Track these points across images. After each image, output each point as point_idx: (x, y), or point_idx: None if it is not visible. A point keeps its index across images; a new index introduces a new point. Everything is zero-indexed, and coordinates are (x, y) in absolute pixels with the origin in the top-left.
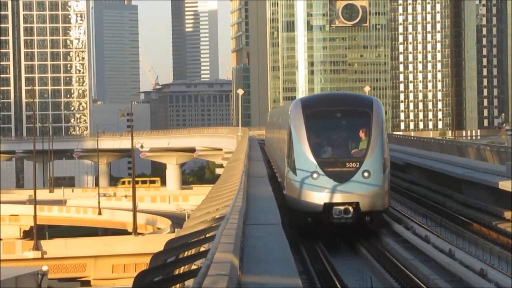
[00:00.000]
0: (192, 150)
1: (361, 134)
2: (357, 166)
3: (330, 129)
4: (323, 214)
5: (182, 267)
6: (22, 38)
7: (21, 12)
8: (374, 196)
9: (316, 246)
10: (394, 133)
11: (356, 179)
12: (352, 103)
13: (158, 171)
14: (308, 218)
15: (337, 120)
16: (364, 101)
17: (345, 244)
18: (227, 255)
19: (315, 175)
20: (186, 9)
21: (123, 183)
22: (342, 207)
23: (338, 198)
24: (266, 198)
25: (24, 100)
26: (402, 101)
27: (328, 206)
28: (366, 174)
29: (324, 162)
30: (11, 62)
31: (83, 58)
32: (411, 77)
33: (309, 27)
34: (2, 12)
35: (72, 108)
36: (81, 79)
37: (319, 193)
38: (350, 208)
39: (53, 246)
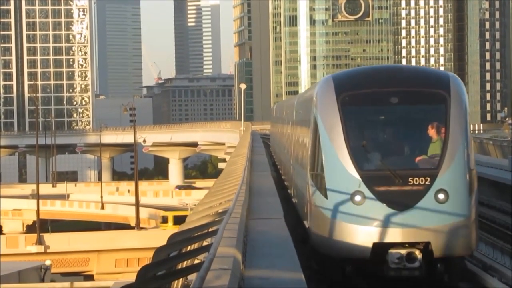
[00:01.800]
0: (195, 144)
1: (432, 132)
2: (427, 183)
3: (382, 124)
4: (372, 261)
5: (185, 262)
6: (24, 32)
7: (24, 7)
8: (455, 231)
9: None
10: None
11: (425, 205)
12: (417, 82)
13: (160, 166)
14: (347, 266)
15: (393, 110)
16: (436, 78)
17: None
18: (230, 250)
19: (358, 198)
20: (189, 3)
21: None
22: (403, 251)
23: (396, 235)
24: (269, 192)
25: (26, 94)
26: None
27: (381, 249)
28: (441, 196)
29: (373, 177)
30: (13, 57)
31: (85, 53)
32: None
33: (312, 22)
34: (4, 7)
35: (75, 102)
36: (83, 74)
37: (364, 228)
38: (417, 252)
39: (56, 241)
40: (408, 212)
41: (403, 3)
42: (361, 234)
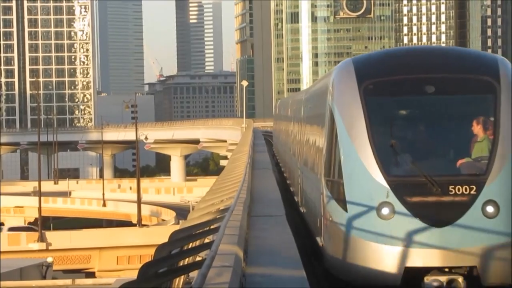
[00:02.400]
0: (197, 141)
1: (478, 129)
2: (472, 193)
3: (416, 118)
4: None
5: (187, 259)
6: (26, 29)
7: (25, 4)
8: (507, 253)
9: None
10: None
11: (470, 220)
12: (459, 66)
13: (162, 163)
14: None
15: (429, 101)
16: (482, 62)
17: None
18: (231, 247)
19: (386, 212)
20: (190, 0)
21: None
22: (442, 278)
23: (434, 258)
24: (271, 189)
25: (28, 91)
26: None
27: (414, 276)
28: (490, 209)
29: (405, 185)
30: (15, 54)
31: (87, 50)
32: None
33: (314, 19)
34: (6, 4)
35: (77, 99)
36: (85, 71)
37: (394, 249)
38: (459, 280)
39: (58, 238)
40: (448, 229)
41: (405, 0)
42: (390, 257)
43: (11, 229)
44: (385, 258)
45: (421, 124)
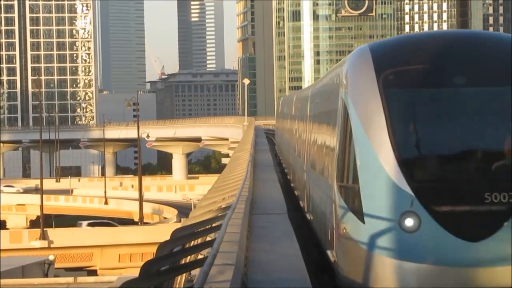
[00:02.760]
0: (198, 139)
1: None
2: None
3: (444, 114)
4: None
5: (188, 257)
6: (28, 28)
7: (27, 2)
8: None
9: None
10: None
11: (510, 233)
12: (493, 54)
13: (164, 161)
14: None
15: (459, 94)
16: None
17: None
18: (233, 245)
19: (410, 223)
20: None
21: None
22: None
23: (467, 278)
24: (272, 187)
25: (30, 90)
26: None
27: None
28: None
29: (432, 191)
30: (17, 52)
31: (89, 48)
32: None
33: (315, 17)
34: (8, 2)
35: (78, 98)
36: (87, 69)
37: (419, 267)
38: None
39: (60, 236)
40: (484, 243)
41: None
42: (415, 277)
43: (90, 224)
44: (409, 278)
45: (451, 120)
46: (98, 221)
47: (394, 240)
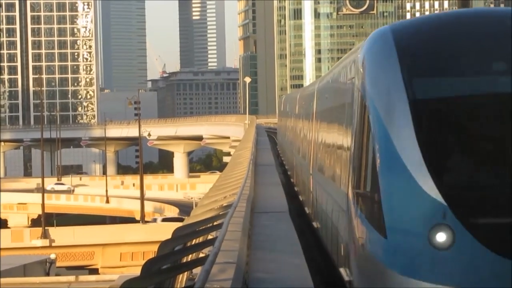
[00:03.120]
0: (200, 138)
1: None
2: None
3: (481, 107)
4: None
5: (190, 255)
6: (29, 26)
7: (28, 1)
8: None
9: None
10: None
11: None
12: None
13: (165, 159)
14: None
15: (499, 83)
16: None
17: None
18: (234, 243)
19: (442, 238)
20: None
21: None
22: None
23: None
24: (274, 186)
25: (31, 88)
26: None
27: None
28: None
29: (468, 200)
30: (18, 51)
31: (90, 47)
32: None
33: (317, 15)
34: (9, 1)
35: (80, 96)
36: (88, 68)
37: None
38: None
39: (61, 234)
40: None
41: None
42: None
43: (165, 219)
44: None
45: (490, 115)
46: (171, 217)
47: (422, 259)
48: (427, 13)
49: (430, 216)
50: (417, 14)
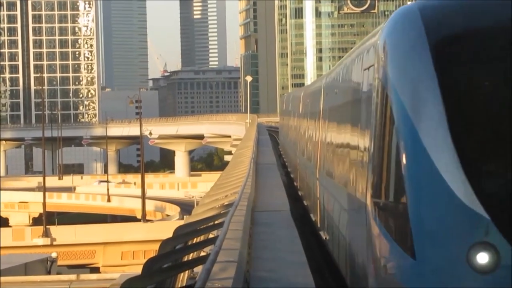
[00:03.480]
0: (201, 137)
1: None
2: None
3: None
4: None
5: (191, 254)
6: (30, 25)
7: (29, 0)
8: None
9: None
10: None
11: None
12: None
13: (166, 158)
14: None
15: None
16: None
17: None
18: (235, 242)
19: (484, 260)
20: None
21: None
22: None
23: None
24: (275, 185)
25: (33, 87)
26: None
27: None
28: None
29: None
30: (19, 50)
31: (91, 45)
32: None
33: (318, 14)
34: (10, 0)
35: (81, 95)
36: (89, 66)
37: None
38: None
39: (62, 233)
40: None
41: None
42: None
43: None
44: None
45: None
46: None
47: (460, 283)
48: None
49: (469, 233)
50: None
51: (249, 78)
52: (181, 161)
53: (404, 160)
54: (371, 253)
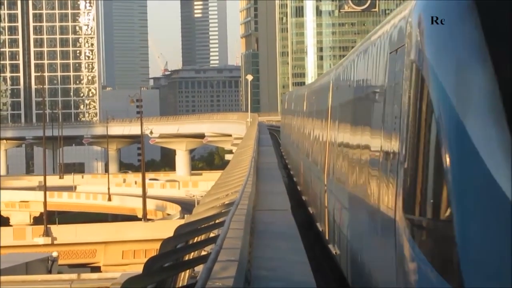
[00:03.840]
0: (202, 136)
1: None
2: None
3: None
4: None
5: (192, 253)
6: (31, 24)
7: None
8: None
9: None
10: None
11: None
12: None
13: (167, 157)
14: None
15: None
16: None
17: None
18: (236, 241)
19: None
20: None
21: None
22: None
23: None
24: (276, 184)
25: (33, 86)
26: None
27: None
28: None
29: None
30: (20, 49)
31: (92, 44)
32: None
33: (318, 13)
34: None
35: (82, 94)
36: (90, 65)
37: None
38: None
39: (63, 232)
40: None
41: None
42: None
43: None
44: None
45: None
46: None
47: None
48: None
49: None
50: None
51: (250, 77)
52: (182, 160)
53: (448, 167)
54: (403, 281)
